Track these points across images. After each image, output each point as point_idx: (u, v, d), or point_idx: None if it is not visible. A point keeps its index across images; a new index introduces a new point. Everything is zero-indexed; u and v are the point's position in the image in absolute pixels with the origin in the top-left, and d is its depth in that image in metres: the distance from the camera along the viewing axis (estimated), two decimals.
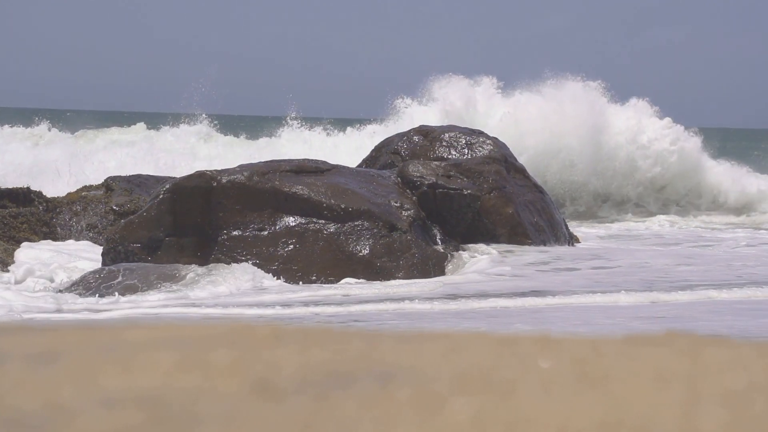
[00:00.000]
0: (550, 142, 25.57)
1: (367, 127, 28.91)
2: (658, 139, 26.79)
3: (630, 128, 26.72)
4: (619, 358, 1.82)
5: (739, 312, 9.40)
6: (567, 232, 14.10)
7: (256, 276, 11.38)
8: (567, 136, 25.80)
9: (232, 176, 12.05)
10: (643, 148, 26.51)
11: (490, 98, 27.64)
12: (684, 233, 19.59)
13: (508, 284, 11.03)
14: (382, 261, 11.70)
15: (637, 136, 26.61)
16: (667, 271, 12.04)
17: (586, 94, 27.18)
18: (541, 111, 26.36)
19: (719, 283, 11.15)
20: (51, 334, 2.16)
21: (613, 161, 26.03)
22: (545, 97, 27.06)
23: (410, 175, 12.78)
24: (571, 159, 25.57)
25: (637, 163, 26.26)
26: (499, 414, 1.50)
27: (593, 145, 25.86)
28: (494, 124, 25.61)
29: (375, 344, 1.94)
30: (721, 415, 1.51)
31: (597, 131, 26.07)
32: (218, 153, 27.43)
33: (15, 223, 13.58)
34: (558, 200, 24.43)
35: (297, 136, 29.19)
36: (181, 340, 1.98)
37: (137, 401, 1.55)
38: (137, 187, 14.84)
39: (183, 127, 30.40)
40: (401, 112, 27.94)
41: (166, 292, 10.59)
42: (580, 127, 25.95)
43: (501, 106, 27.20)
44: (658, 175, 26.24)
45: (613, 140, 26.37)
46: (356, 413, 1.50)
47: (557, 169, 25.38)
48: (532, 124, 25.88)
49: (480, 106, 27.37)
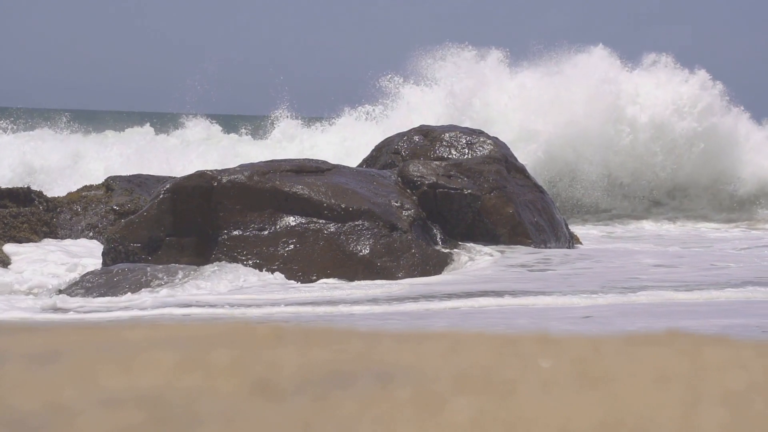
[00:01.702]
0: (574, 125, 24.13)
1: (358, 109, 27.22)
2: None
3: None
4: (620, 358, 1.82)
5: (673, 313, 9.31)
6: (567, 232, 14.10)
7: (260, 276, 11.40)
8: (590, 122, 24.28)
9: (232, 176, 12.05)
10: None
11: (500, 76, 25.63)
12: (692, 235, 19.22)
13: (465, 287, 10.91)
14: (383, 261, 11.70)
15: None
16: (641, 272, 11.90)
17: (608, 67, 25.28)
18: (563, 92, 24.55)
19: (686, 284, 11.03)
20: (51, 334, 2.16)
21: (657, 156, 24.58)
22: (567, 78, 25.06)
23: (411, 174, 12.78)
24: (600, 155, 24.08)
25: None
26: (499, 414, 1.50)
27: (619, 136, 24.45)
28: (509, 105, 24.21)
29: (375, 344, 1.94)
30: (721, 415, 1.51)
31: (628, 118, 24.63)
32: (217, 152, 27.17)
33: (15, 222, 13.58)
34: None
35: (294, 133, 28.41)
36: (182, 340, 1.99)
37: (138, 401, 1.55)
38: (137, 186, 14.84)
39: (183, 127, 30.26)
40: (393, 94, 26.33)
41: (166, 292, 10.59)
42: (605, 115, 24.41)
43: (515, 84, 25.28)
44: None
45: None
46: (356, 413, 1.50)
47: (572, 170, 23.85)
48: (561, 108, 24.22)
49: (491, 85, 25.32)
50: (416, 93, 26.15)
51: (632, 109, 25.21)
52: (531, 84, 25.39)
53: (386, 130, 20.71)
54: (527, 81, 25.51)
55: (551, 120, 24.16)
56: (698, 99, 25.55)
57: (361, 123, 27.13)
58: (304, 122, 28.59)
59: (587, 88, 24.98)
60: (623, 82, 25.48)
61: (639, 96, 25.45)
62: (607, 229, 20.17)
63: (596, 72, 25.26)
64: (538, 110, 24.39)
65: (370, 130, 25.52)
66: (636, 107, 25.27)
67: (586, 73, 25.35)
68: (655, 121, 25.08)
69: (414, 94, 26.14)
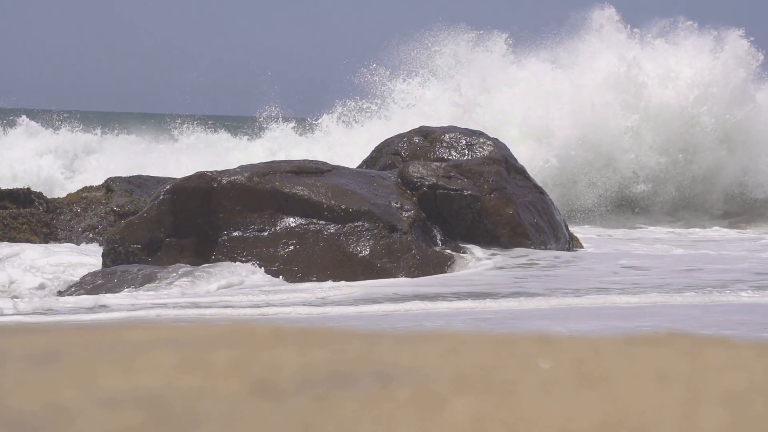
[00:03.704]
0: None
1: (348, 103, 24.94)
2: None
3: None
4: (619, 359, 1.82)
5: (589, 316, 9.27)
6: (567, 233, 14.10)
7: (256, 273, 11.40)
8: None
9: (232, 177, 12.06)
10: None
11: (506, 68, 23.79)
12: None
13: (424, 289, 10.88)
14: (383, 262, 11.70)
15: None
16: (605, 276, 11.72)
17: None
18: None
19: (624, 287, 10.88)
20: (51, 335, 2.16)
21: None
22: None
23: (410, 175, 12.79)
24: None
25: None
26: (499, 414, 1.50)
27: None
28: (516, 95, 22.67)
29: (374, 344, 1.94)
30: (721, 415, 1.51)
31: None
32: (217, 153, 26.93)
33: (15, 223, 13.59)
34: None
35: (289, 134, 27.46)
36: (181, 340, 1.99)
37: (137, 402, 1.55)
38: (137, 187, 14.84)
39: (181, 128, 30.02)
40: (381, 93, 24.18)
41: (166, 292, 10.59)
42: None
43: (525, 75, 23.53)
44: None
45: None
46: (356, 414, 1.50)
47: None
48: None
49: (497, 80, 23.49)
50: (410, 89, 24.29)
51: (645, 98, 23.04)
52: (540, 76, 23.64)
53: (373, 139, 18.07)
54: (536, 72, 23.70)
55: (564, 121, 22.65)
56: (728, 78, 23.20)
57: (341, 131, 24.91)
58: (296, 126, 27.66)
59: (602, 78, 23.00)
60: (643, 60, 23.19)
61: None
62: (629, 233, 19.42)
63: (610, 56, 23.09)
64: (551, 110, 22.76)
65: (351, 140, 23.67)
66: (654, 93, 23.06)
67: (598, 56, 23.22)
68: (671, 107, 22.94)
69: (407, 91, 24.29)
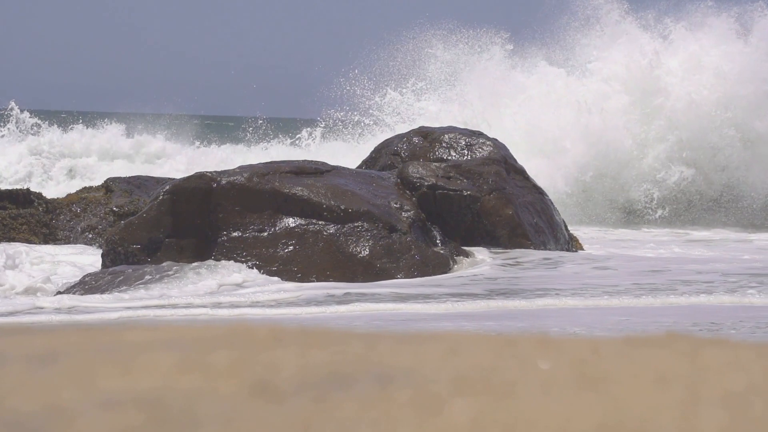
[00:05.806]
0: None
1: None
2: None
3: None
4: (619, 360, 1.82)
5: (536, 316, 9.28)
6: (567, 234, 14.09)
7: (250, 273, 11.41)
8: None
9: (231, 177, 12.05)
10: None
11: (509, 75, 22.49)
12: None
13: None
14: (382, 262, 11.71)
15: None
16: (574, 279, 11.66)
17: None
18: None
19: (605, 290, 10.81)
20: (50, 336, 2.16)
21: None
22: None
23: (410, 176, 12.78)
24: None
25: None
26: (498, 415, 1.50)
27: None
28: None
29: (374, 345, 1.94)
30: (720, 416, 1.51)
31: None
32: (216, 155, 26.90)
33: (15, 224, 13.58)
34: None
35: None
36: (181, 341, 1.98)
37: (137, 402, 1.55)
38: (137, 188, 14.84)
39: (173, 128, 29.87)
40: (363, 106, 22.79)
41: (165, 292, 10.59)
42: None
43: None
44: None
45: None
46: (356, 415, 1.50)
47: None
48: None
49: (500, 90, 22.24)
50: (406, 100, 23.05)
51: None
52: (548, 81, 22.65)
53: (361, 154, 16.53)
54: (543, 78, 22.71)
55: (578, 135, 21.56)
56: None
57: (336, 146, 23.61)
58: (279, 125, 27.04)
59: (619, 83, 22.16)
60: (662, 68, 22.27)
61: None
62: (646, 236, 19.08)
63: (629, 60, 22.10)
64: (563, 126, 21.57)
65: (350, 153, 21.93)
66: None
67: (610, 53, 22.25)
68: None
69: (407, 103, 23.07)
